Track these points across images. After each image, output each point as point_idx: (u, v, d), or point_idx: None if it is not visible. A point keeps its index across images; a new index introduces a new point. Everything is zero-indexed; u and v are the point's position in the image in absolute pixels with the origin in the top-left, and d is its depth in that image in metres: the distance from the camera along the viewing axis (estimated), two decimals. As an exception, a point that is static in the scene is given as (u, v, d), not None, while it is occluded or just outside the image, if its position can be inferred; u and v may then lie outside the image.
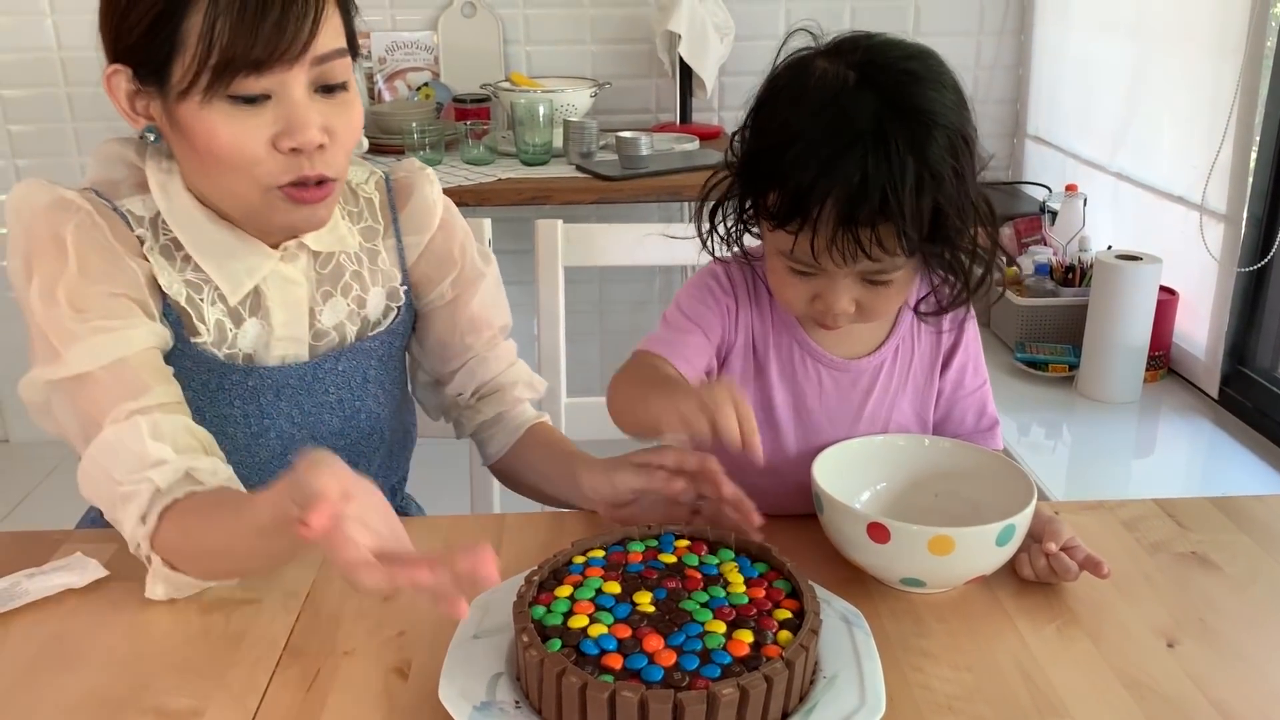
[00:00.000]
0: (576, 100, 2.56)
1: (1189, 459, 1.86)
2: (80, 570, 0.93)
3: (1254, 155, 1.82)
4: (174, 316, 0.99)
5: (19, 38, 2.71)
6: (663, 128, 2.69)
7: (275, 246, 1.03)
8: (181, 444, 0.91)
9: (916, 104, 0.87)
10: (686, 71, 2.63)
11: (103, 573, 0.93)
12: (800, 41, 0.95)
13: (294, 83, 0.91)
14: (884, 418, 1.07)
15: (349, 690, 0.80)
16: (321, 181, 0.95)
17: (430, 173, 1.17)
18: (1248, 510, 1.04)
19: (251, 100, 0.91)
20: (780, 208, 0.90)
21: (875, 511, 0.96)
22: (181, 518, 0.88)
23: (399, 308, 1.13)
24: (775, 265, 0.97)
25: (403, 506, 1.30)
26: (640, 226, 1.52)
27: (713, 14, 2.59)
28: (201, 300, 1.01)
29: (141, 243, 0.99)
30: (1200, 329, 1.97)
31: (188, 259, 1.00)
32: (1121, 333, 1.89)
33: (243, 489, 0.93)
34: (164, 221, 1.00)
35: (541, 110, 2.43)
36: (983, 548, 0.86)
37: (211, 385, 1.02)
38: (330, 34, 0.93)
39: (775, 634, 0.76)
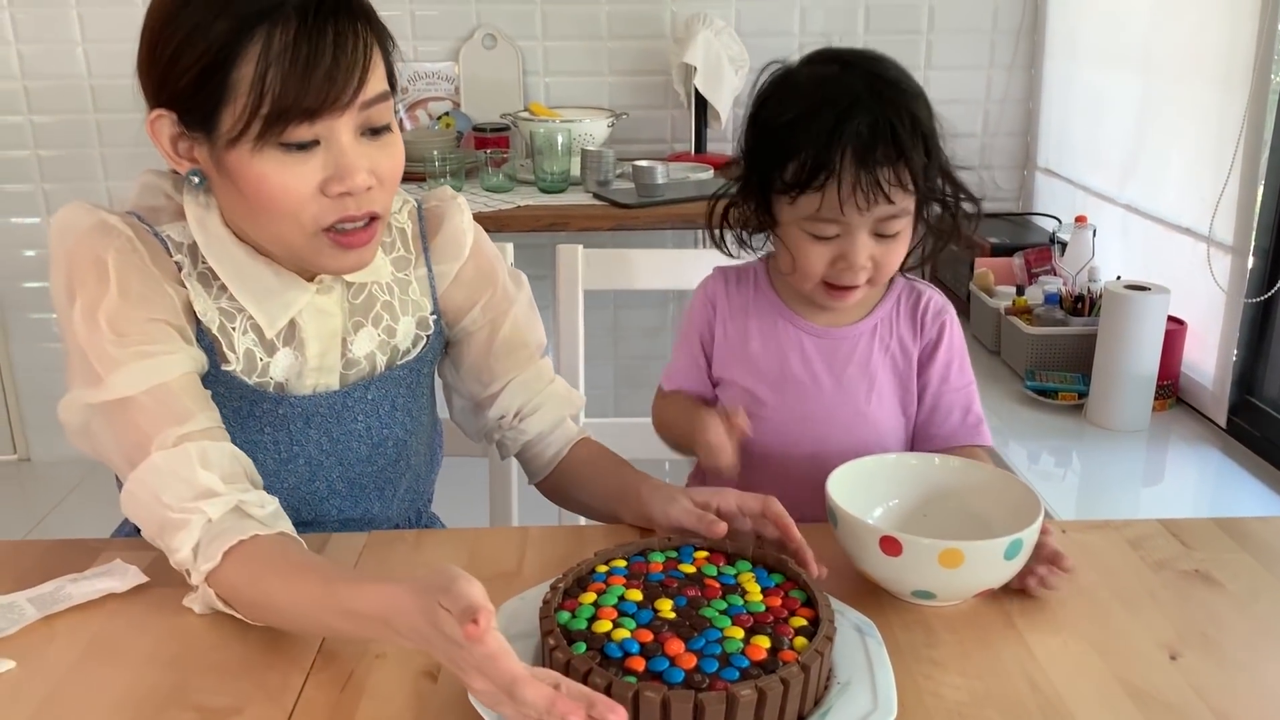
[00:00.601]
0: (594, 130, 2.62)
1: (1197, 487, 1.88)
2: (121, 576, 0.97)
3: (1260, 188, 1.85)
4: (206, 342, 1.02)
5: (51, 65, 2.78)
6: (678, 157, 2.74)
7: (311, 279, 1.05)
8: (228, 472, 0.94)
9: (894, 78, 1.07)
10: (701, 103, 2.69)
11: (143, 579, 0.97)
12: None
13: (343, 129, 0.93)
14: (864, 390, 1.16)
15: (381, 692, 0.83)
16: (369, 221, 0.98)
17: (461, 201, 1.19)
18: (1250, 530, 1.07)
19: (302, 147, 0.92)
20: (802, 172, 1.05)
21: (888, 526, 0.99)
22: (250, 565, 0.89)
23: (428, 336, 1.15)
24: (795, 238, 1.10)
25: (428, 525, 1.32)
26: (658, 252, 1.56)
27: (727, 47, 2.64)
28: (233, 329, 1.03)
29: (179, 268, 1.01)
30: (1208, 359, 1.99)
31: (223, 287, 1.02)
32: (1130, 362, 1.92)
33: (292, 526, 0.95)
34: (202, 255, 1.02)
35: (560, 140, 2.48)
36: (991, 561, 0.89)
37: (242, 412, 1.04)
38: (376, 79, 0.95)
39: (791, 640, 0.79)
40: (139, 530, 1.13)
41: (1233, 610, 0.94)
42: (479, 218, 2.26)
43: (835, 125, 1.03)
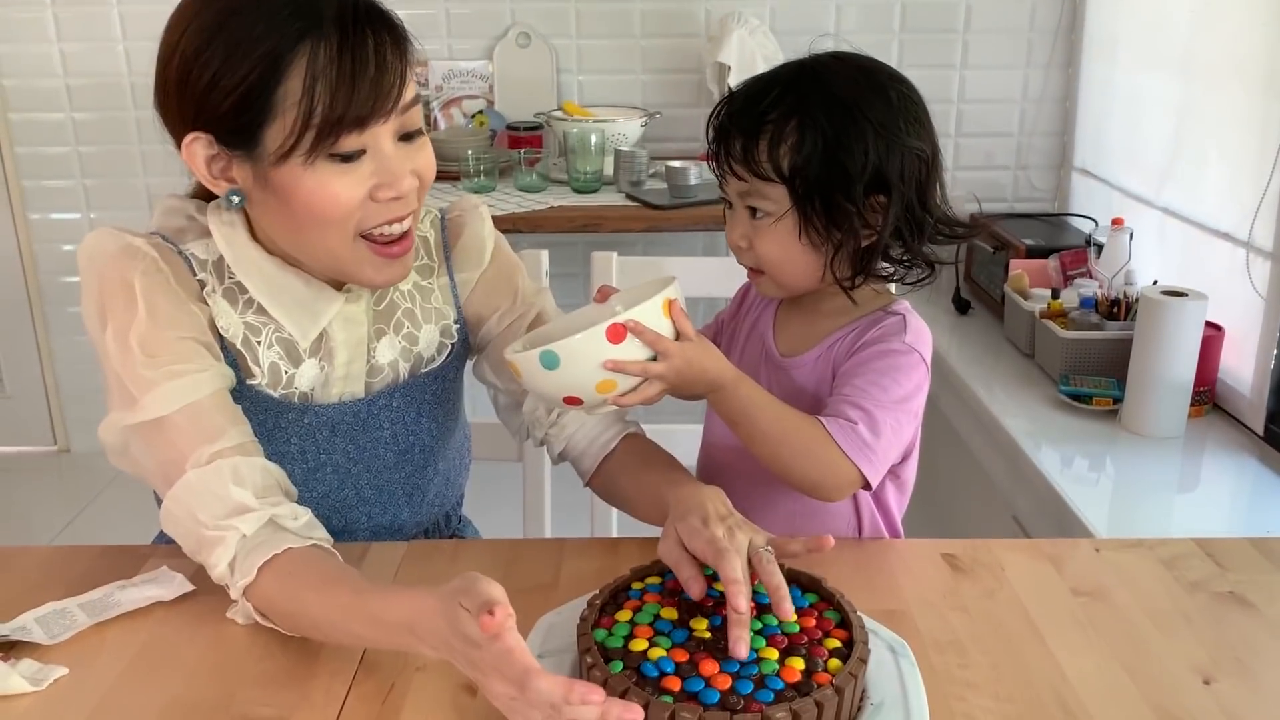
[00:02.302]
0: (627, 130, 2.62)
1: (1233, 496, 1.87)
2: (168, 584, 0.99)
3: (1301, 194, 1.83)
4: (231, 358, 1.03)
5: (92, 63, 2.82)
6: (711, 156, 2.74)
7: (339, 288, 1.06)
8: (261, 486, 0.96)
9: (824, 72, 1.05)
10: (735, 102, 2.68)
11: (189, 587, 0.99)
12: None
13: (385, 136, 0.96)
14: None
15: (421, 705, 0.85)
16: (404, 234, 1.01)
17: (483, 209, 1.21)
18: (1287, 551, 1.07)
19: (351, 157, 0.95)
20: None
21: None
22: (284, 578, 0.91)
23: (453, 344, 1.16)
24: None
25: (458, 529, 1.34)
26: (692, 260, 1.57)
27: (762, 46, 2.64)
28: (258, 343, 1.05)
29: (203, 286, 1.03)
30: (1246, 366, 1.98)
31: (250, 303, 1.04)
32: (1166, 368, 1.90)
33: (327, 534, 0.98)
34: (228, 266, 1.03)
35: (593, 139, 2.49)
36: (534, 372, 0.92)
37: (269, 424, 1.06)
38: (410, 84, 0.98)
39: (825, 662, 0.80)
40: None
41: (1268, 634, 0.94)
42: (513, 217, 2.32)
43: (734, 94, 1.07)
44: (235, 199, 1.00)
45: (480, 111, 2.85)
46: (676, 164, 2.44)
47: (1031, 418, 2.04)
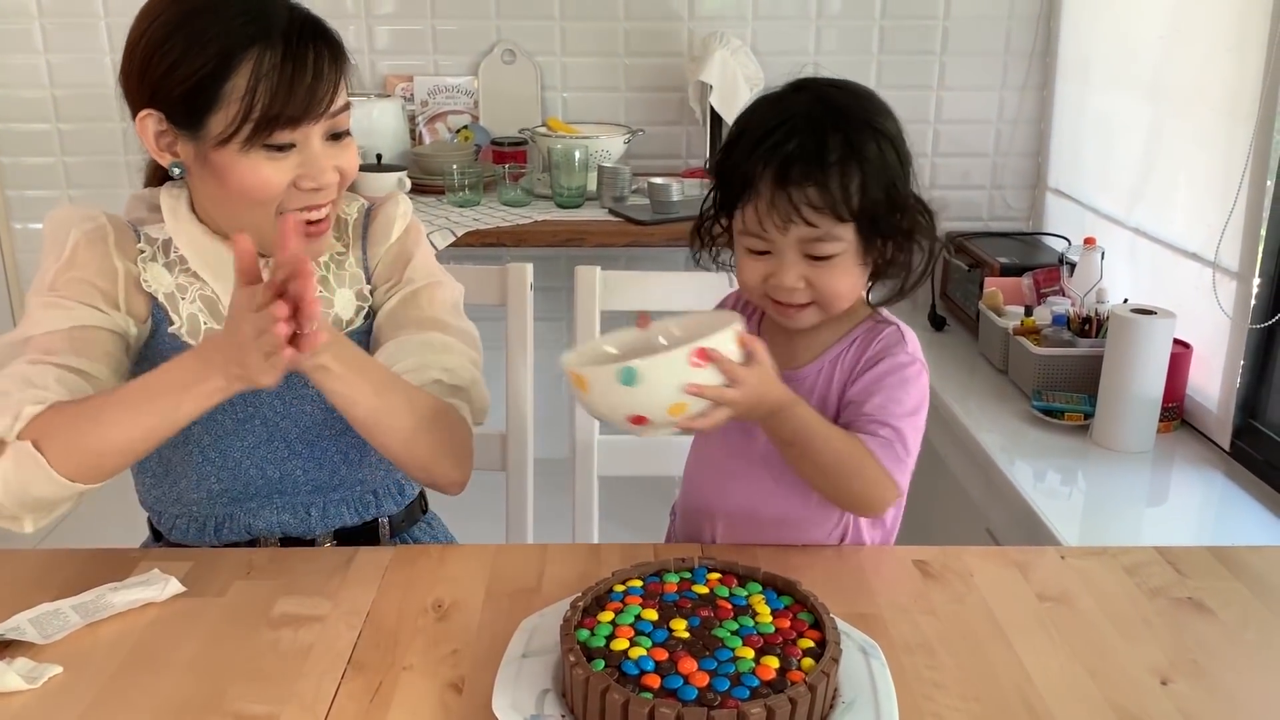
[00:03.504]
0: (611, 146, 2.66)
1: (1200, 509, 1.91)
2: (160, 586, 1.01)
3: (1266, 215, 1.89)
4: (159, 312, 1.17)
5: (79, 74, 2.84)
6: (692, 173, 2.78)
7: (261, 257, 1.14)
8: (78, 396, 1.06)
9: (841, 103, 1.07)
10: (717, 120, 2.73)
11: (181, 589, 1.02)
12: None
13: (315, 134, 1.10)
14: None
15: (409, 702, 0.87)
16: (323, 218, 1.14)
17: (402, 197, 1.32)
18: (1244, 560, 1.11)
19: (282, 148, 1.09)
20: (733, 187, 1.09)
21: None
22: (68, 405, 1.03)
23: (369, 307, 1.26)
24: (738, 251, 1.13)
25: (426, 521, 1.40)
26: (674, 275, 1.61)
27: (743, 66, 2.68)
28: (182, 299, 1.18)
29: (141, 253, 1.17)
30: (1213, 383, 2.03)
31: (185, 270, 1.18)
32: (1136, 384, 1.95)
33: None
34: (175, 245, 1.17)
35: (577, 155, 2.53)
36: (608, 387, 0.93)
37: None
38: (342, 93, 1.12)
39: (799, 661, 0.83)
40: (159, 538, 1.24)
41: (1223, 638, 0.98)
42: (497, 231, 2.35)
43: (759, 143, 1.05)
44: (177, 170, 1.14)
45: (465, 127, 2.88)
46: (659, 180, 2.47)
47: (1005, 432, 2.08)
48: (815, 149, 1.03)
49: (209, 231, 1.17)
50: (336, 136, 1.13)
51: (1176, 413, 2.07)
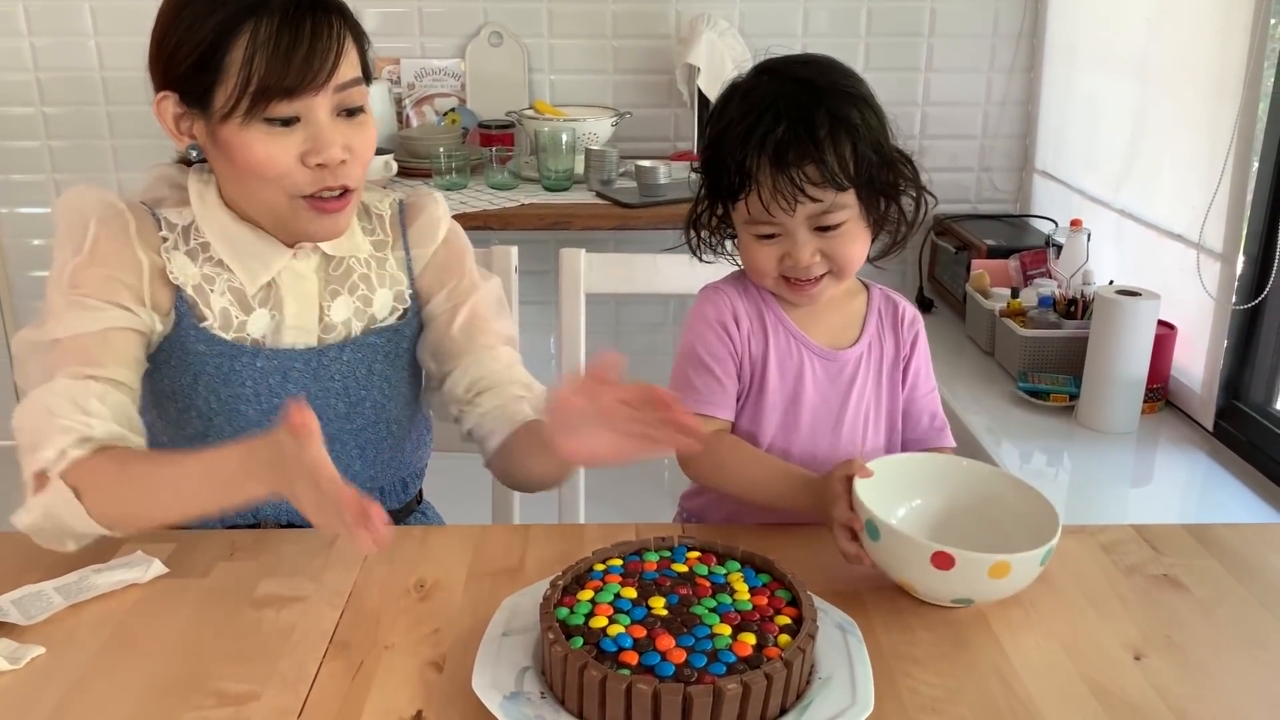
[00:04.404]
0: (598, 129, 2.66)
1: (1184, 489, 1.93)
2: (143, 567, 1.02)
3: (1249, 197, 1.90)
4: (183, 306, 1.14)
5: (63, 57, 2.82)
6: (680, 156, 2.78)
7: (290, 247, 1.16)
8: (121, 418, 1.05)
9: (815, 78, 1.11)
10: (704, 103, 2.72)
11: (164, 570, 1.02)
12: None
13: (319, 108, 1.07)
14: (866, 410, 1.21)
15: (390, 680, 0.88)
16: (343, 193, 1.11)
17: (439, 197, 1.30)
18: (1218, 537, 1.12)
19: (284, 122, 1.06)
20: (731, 181, 1.11)
21: (918, 532, 1.02)
22: (114, 455, 1.01)
23: (405, 310, 1.25)
24: (745, 241, 1.16)
25: (421, 510, 1.39)
26: (659, 256, 1.61)
27: (731, 48, 2.68)
28: (211, 291, 1.15)
29: (164, 241, 1.14)
30: (1197, 363, 2.04)
31: (210, 259, 1.15)
32: (1121, 365, 1.96)
33: None
34: (196, 229, 1.15)
35: (564, 138, 2.53)
36: (1030, 569, 0.95)
37: (224, 367, 1.15)
38: (349, 66, 1.09)
39: (776, 637, 0.84)
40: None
41: (1196, 614, 0.99)
42: (484, 214, 2.35)
43: (748, 134, 1.09)
44: (194, 153, 1.14)
45: (452, 110, 2.87)
46: (646, 163, 2.47)
47: (991, 414, 2.09)
48: (805, 128, 1.07)
49: (236, 217, 1.15)
50: (350, 113, 1.10)
51: (1161, 393, 2.08)
